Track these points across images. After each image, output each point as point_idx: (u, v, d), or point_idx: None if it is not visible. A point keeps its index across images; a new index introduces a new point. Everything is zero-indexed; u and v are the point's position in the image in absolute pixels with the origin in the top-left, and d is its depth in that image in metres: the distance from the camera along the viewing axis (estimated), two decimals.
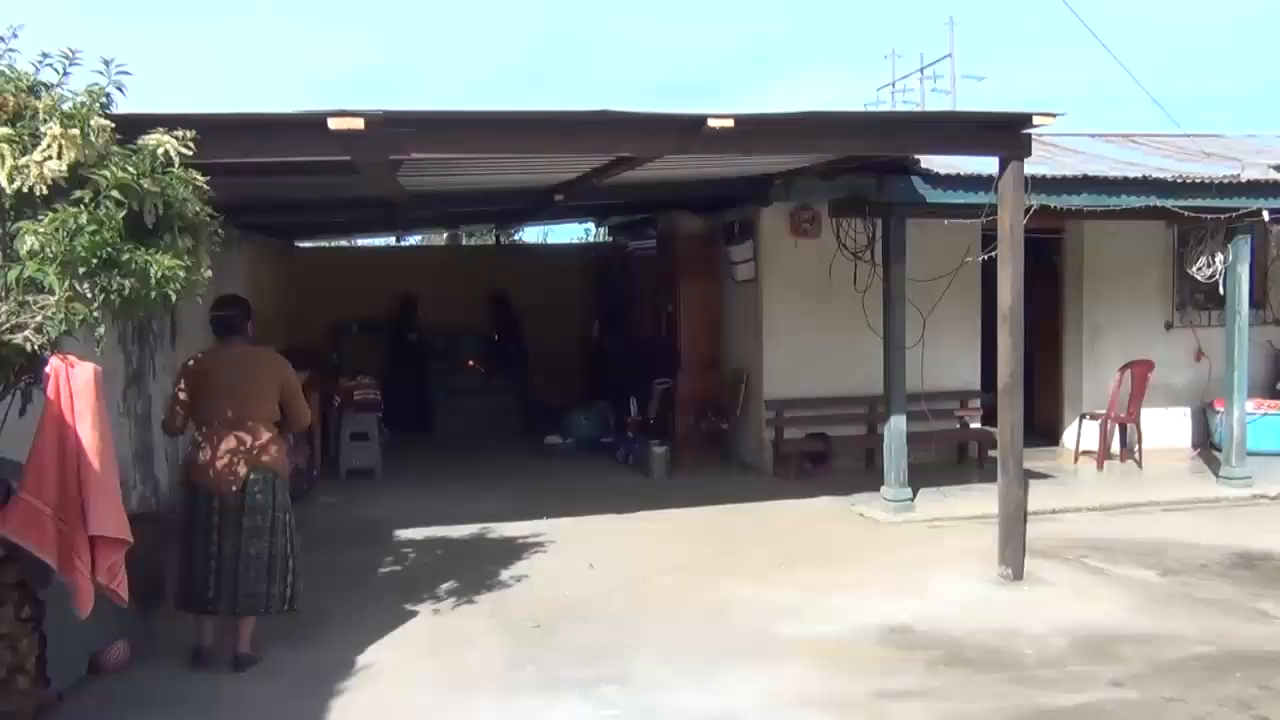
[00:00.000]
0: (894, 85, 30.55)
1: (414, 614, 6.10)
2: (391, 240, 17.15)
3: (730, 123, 5.72)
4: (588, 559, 7.24)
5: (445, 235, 18.02)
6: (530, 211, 12.15)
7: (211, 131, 4.73)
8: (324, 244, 17.21)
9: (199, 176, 4.42)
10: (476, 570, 6.94)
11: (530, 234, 21.90)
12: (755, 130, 6.02)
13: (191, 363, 5.46)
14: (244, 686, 5.09)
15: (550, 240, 21.22)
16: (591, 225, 18.63)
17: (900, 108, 28.78)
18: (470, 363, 13.73)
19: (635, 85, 71.93)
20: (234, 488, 5.25)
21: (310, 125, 5.26)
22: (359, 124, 5.20)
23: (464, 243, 18.64)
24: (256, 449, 5.32)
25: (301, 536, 5.71)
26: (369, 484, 10.07)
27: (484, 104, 6.25)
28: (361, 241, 17.59)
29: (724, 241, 10.71)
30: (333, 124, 5.18)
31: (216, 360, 5.42)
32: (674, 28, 77.19)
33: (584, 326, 14.92)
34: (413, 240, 17.91)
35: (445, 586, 6.59)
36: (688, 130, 5.89)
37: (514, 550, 7.51)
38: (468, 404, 13.06)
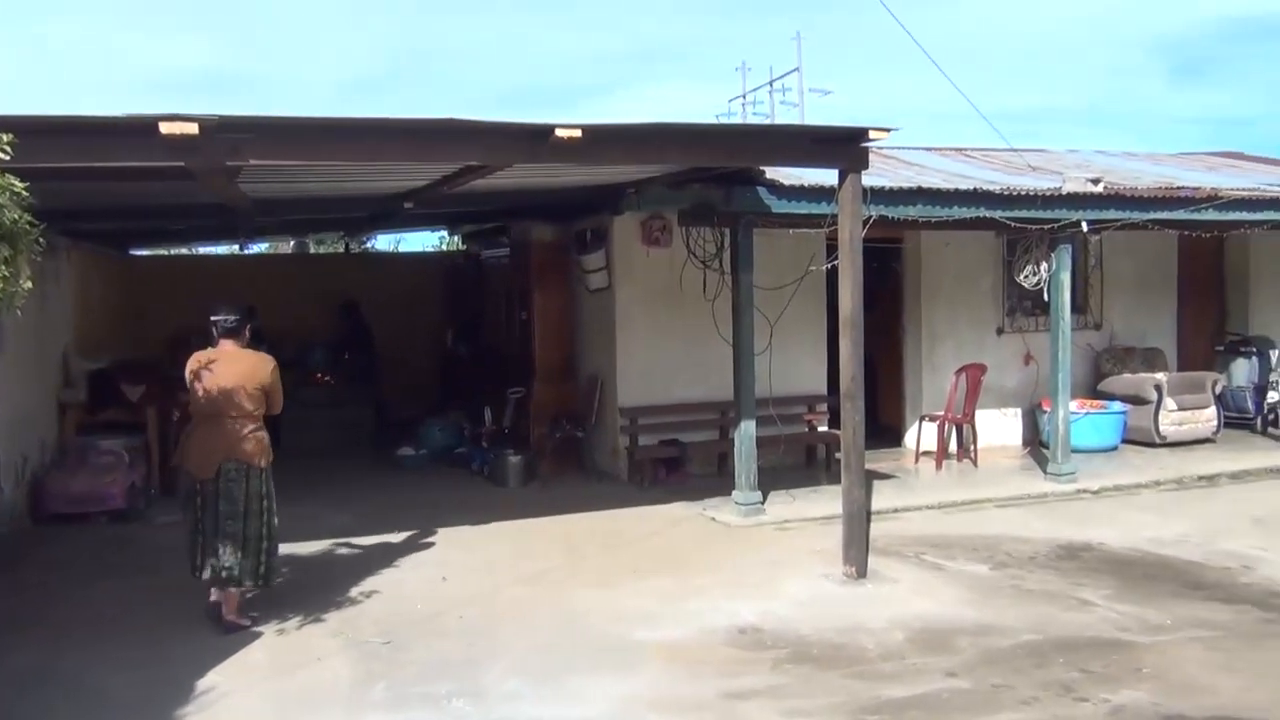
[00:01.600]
0: (745, 97, 31.14)
1: (258, 635, 5.91)
2: (235, 248, 16.60)
3: (578, 133, 5.76)
4: (441, 572, 7.15)
5: (292, 243, 17.50)
6: (380, 219, 11.93)
7: (32, 135, 4.50)
8: (163, 252, 16.53)
9: (17, 182, 4.21)
10: (325, 587, 6.77)
11: (383, 242, 21.48)
12: (602, 140, 6.07)
13: (193, 360, 6.16)
14: (75, 715, 4.85)
15: (403, 249, 20.84)
16: (445, 233, 18.41)
17: (751, 119, 29.39)
18: (319, 375, 13.35)
19: (491, 91, 71.47)
20: (211, 474, 5.97)
21: (140, 129, 5.05)
22: (193, 129, 5.02)
23: (312, 251, 18.13)
24: (232, 441, 5.97)
25: (140, 555, 5.53)
26: None
27: (338, 109, 6.15)
28: (203, 250, 16.97)
29: (577, 250, 10.74)
30: (164, 128, 4.98)
31: (209, 359, 6.11)
32: (532, 35, 77.02)
33: (438, 336, 14.72)
34: (258, 248, 17.36)
35: (291, 605, 6.39)
36: (535, 139, 5.90)
37: (364, 565, 7.36)
38: (316, 417, 12.67)
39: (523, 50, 77.70)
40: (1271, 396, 11.97)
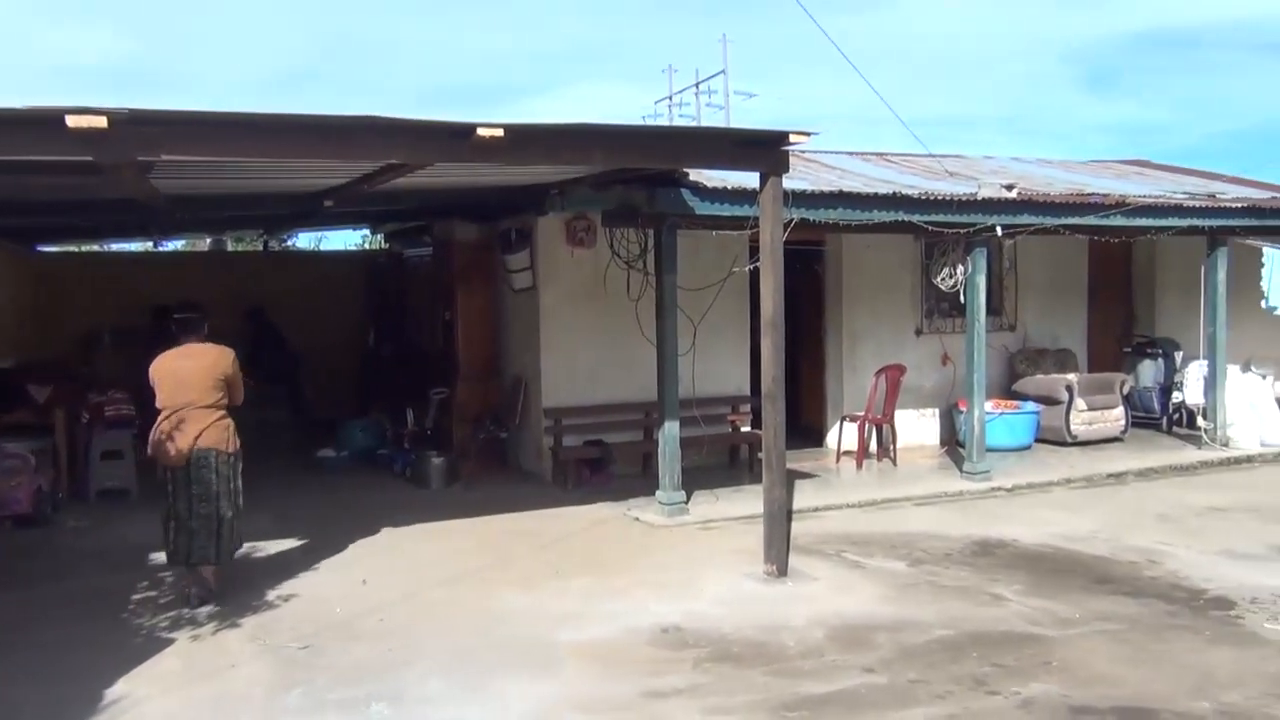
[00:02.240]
0: (671, 99, 31.30)
1: (170, 641, 5.78)
2: (149, 245, 16.16)
3: (500, 132, 5.73)
4: (361, 575, 7.07)
5: (209, 241, 17.10)
6: (299, 217, 11.74)
7: None
8: (73, 249, 16.05)
9: None
10: (241, 591, 6.65)
11: (304, 240, 21.13)
12: (525, 140, 6.05)
13: (157, 359, 6.51)
14: None
15: (324, 247, 20.53)
16: (367, 232, 18.16)
17: (678, 121, 29.56)
18: None
19: (418, 89, 70.55)
20: (183, 461, 6.35)
21: (46, 122, 4.90)
22: (102, 122, 4.89)
23: (230, 249, 17.75)
24: (201, 429, 6.38)
25: (48, 561, 5.38)
26: (123, 505, 9.42)
27: (260, 104, 6.06)
28: (116, 246, 16.49)
29: (501, 250, 10.69)
30: (71, 121, 4.84)
31: (172, 356, 6.51)
32: (460, 33, 76.19)
33: (360, 336, 14.51)
34: (173, 245, 16.94)
35: (206, 610, 6.28)
36: (458, 138, 5.86)
37: (283, 569, 7.25)
38: (235, 418, 12.38)
39: (451, 49, 76.95)
40: (1176, 397, 12.39)
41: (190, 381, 6.40)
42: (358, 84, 69.05)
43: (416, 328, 13.05)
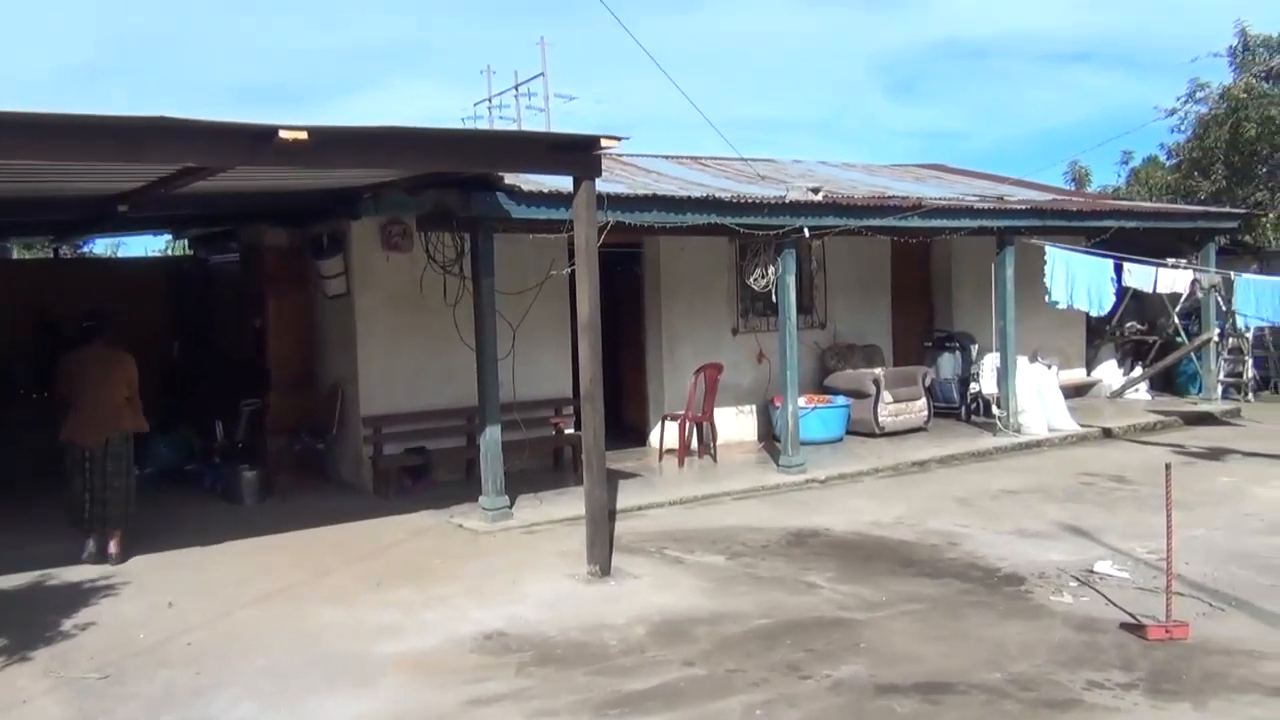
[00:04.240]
0: (490, 101, 30.99)
1: None
2: None
3: (304, 135, 5.58)
4: (167, 598, 6.73)
5: None
6: (93, 222, 11.04)
7: None
8: None
9: None
10: (32, 623, 6.21)
11: (100, 246, 19.93)
12: (330, 143, 5.91)
13: (70, 358, 7.77)
14: None
15: (123, 254, 19.44)
16: (170, 237, 17.28)
17: (498, 124, 29.26)
18: (24, 391, 12.16)
19: (226, 87, 67.40)
20: (101, 443, 7.56)
21: None
22: None
23: (15, 256, 16.56)
24: (114, 416, 7.63)
25: None
26: None
27: (48, 101, 5.80)
28: None
29: (313, 255, 10.36)
30: None
31: (85, 358, 7.72)
32: (271, 29, 73.19)
33: (163, 347, 13.76)
34: None
35: None
36: (259, 141, 5.67)
37: (80, 596, 6.82)
38: (22, 437, 11.55)
39: (260, 46, 73.91)
40: (974, 387, 13.17)
41: (104, 378, 7.57)
42: (159, 82, 65.41)
43: (225, 337, 12.51)
